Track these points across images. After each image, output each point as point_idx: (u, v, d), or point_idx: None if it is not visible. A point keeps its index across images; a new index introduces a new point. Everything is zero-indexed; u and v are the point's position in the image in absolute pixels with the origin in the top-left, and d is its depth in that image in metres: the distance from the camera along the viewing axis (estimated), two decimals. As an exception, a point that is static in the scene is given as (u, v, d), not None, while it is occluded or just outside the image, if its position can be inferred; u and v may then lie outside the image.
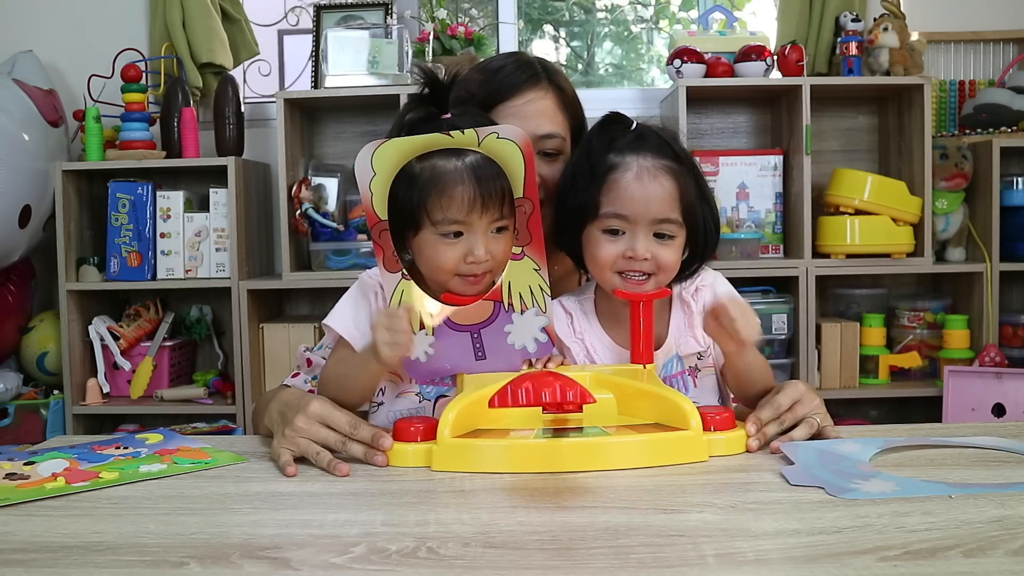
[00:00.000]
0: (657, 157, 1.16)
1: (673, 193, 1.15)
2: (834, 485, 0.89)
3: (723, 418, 1.04)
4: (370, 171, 1.09)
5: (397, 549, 0.76)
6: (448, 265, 1.11)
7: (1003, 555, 0.72)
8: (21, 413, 2.60)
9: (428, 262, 1.13)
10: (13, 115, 2.48)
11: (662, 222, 1.15)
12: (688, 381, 1.22)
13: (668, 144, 1.18)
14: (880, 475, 0.93)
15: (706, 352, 1.23)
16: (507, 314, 1.14)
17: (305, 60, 2.90)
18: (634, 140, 1.18)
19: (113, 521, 0.86)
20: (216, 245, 2.60)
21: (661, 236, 1.16)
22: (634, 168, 1.16)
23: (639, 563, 0.72)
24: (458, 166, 1.08)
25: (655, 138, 1.19)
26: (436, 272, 1.13)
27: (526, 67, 1.34)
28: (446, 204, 1.08)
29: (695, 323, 1.22)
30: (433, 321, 1.12)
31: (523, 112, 1.30)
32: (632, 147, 1.17)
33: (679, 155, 1.18)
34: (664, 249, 1.16)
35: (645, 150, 1.17)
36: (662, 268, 1.16)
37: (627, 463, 0.98)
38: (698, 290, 1.25)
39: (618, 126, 1.21)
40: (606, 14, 4.11)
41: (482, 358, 1.14)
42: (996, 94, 2.62)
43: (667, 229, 1.16)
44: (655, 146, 1.17)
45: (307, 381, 1.31)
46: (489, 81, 1.32)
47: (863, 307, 2.71)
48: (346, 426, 1.03)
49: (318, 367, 1.32)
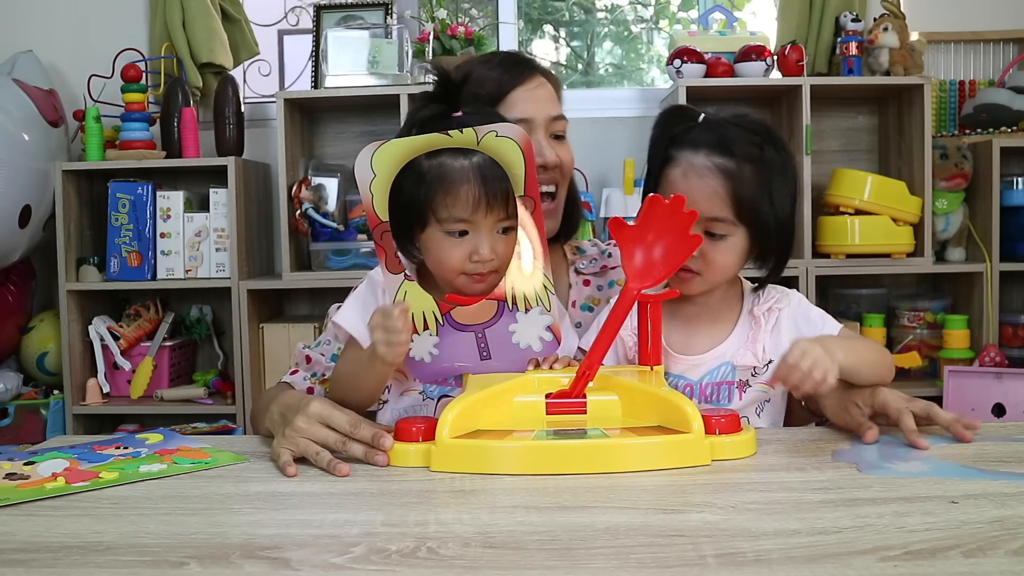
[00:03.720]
0: (711, 154, 1.13)
1: (721, 192, 1.12)
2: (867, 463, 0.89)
3: (728, 421, 1.02)
4: (370, 173, 1.09)
5: (397, 549, 0.76)
6: (454, 263, 1.12)
7: (1003, 555, 0.72)
8: (21, 413, 2.60)
9: (434, 260, 1.14)
10: (13, 115, 2.48)
11: (711, 221, 1.13)
12: (734, 392, 1.20)
13: (735, 139, 1.14)
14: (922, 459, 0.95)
15: (761, 370, 1.20)
16: (511, 313, 1.14)
17: (305, 60, 2.90)
18: (696, 133, 1.16)
19: (113, 521, 0.86)
20: (216, 245, 2.60)
21: (712, 235, 1.14)
22: (683, 165, 1.15)
23: (639, 563, 0.72)
24: (465, 165, 1.09)
25: (718, 133, 1.15)
26: (442, 270, 1.14)
27: (521, 59, 1.37)
28: (451, 203, 1.09)
29: (759, 339, 1.20)
30: None
31: (536, 96, 1.32)
32: (690, 142, 1.15)
33: (744, 152, 1.13)
34: (714, 248, 1.14)
35: (701, 145, 1.14)
36: (711, 267, 1.14)
37: (628, 466, 0.97)
38: (771, 310, 1.21)
39: (681, 119, 1.19)
40: (606, 14, 4.11)
41: (487, 358, 1.14)
42: (996, 94, 2.62)
43: (716, 228, 1.14)
44: (713, 141, 1.14)
45: (306, 379, 1.31)
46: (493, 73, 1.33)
47: (863, 307, 2.71)
48: (346, 426, 1.03)
49: (317, 364, 1.32)
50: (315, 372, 1.32)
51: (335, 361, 1.28)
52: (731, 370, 1.20)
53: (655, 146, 1.20)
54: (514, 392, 1.08)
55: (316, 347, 1.34)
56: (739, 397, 1.20)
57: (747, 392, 1.21)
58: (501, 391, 1.08)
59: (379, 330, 1.05)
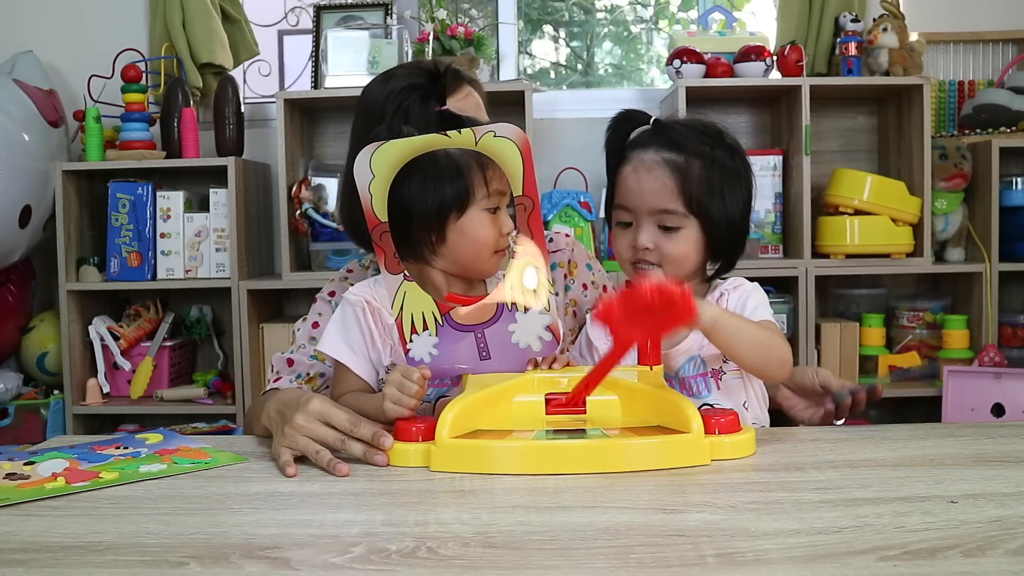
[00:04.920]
0: (660, 150, 1.18)
1: (669, 183, 1.17)
2: None
3: (728, 421, 1.02)
4: (369, 174, 1.09)
5: (397, 549, 0.76)
6: (492, 239, 1.15)
7: (1003, 555, 0.72)
8: (21, 413, 2.60)
9: (472, 242, 1.14)
10: (13, 115, 2.48)
11: (662, 213, 1.17)
12: (711, 383, 1.21)
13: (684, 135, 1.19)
14: None
15: None
16: (511, 313, 1.14)
17: (305, 60, 2.90)
18: (648, 135, 1.21)
19: (113, 521, 0.86)
20: (216, 245, 2.60)
21: (666, 228, 1.18)
22: (633, 162, 1.20)
23: (639, 563, 0.72)
24: (466, 151, 1.11)
25: (667, 132, 1.20)
26: (480, 249, 1.15)
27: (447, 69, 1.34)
28: (491, 176, 1.12)
29: None
30: None
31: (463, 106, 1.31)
32: (641, 142, 1.21)
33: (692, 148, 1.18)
34: (669, 240, 1.18)
35: (651, 144, 1.19)
36: (668, 259, 1.18)
37: (627, 466, 0.97)
38: (722, 295, 1.22)
39: (633, 122, 1.24)
40: (606, 14, 4.11)
41: (487, 358, 1.14)
42: (995, 94, 2.62)
43: (668, 220, 1.18)
44: (665, 140, 1.19)
45: (291, 381, 1.30)
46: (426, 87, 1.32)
47: (862, 307, 2.71)
48: (346, 424, 1.03)
49: (300, 365, 1.31)
50: (299, 373, 1.31)
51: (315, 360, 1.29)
52: (701, 362, 1.21)
53: (609, 149, 1.25)
54: (514, 392, 1.09)
55: (294, 352, 1.33)
56: (717, 387, 1.21)
57: (723, 380, 1.21)
58: (501, 391, 1.08)
59: (393, 388, 1.04)
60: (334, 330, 1.19)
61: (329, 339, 1.19)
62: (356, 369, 1.18)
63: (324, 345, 1.19)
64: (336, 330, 1.19)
